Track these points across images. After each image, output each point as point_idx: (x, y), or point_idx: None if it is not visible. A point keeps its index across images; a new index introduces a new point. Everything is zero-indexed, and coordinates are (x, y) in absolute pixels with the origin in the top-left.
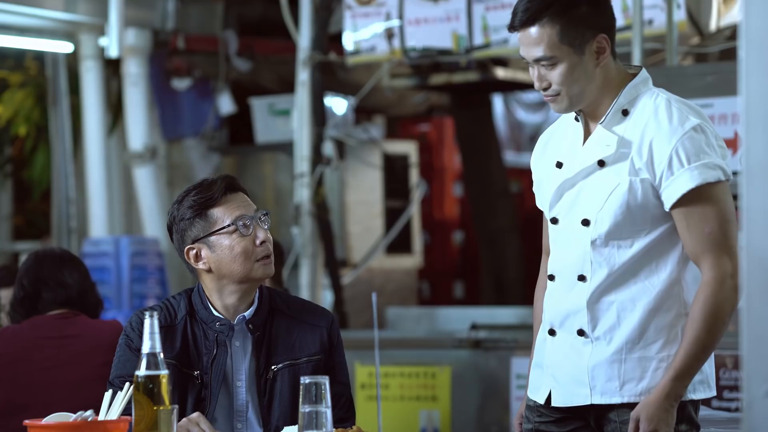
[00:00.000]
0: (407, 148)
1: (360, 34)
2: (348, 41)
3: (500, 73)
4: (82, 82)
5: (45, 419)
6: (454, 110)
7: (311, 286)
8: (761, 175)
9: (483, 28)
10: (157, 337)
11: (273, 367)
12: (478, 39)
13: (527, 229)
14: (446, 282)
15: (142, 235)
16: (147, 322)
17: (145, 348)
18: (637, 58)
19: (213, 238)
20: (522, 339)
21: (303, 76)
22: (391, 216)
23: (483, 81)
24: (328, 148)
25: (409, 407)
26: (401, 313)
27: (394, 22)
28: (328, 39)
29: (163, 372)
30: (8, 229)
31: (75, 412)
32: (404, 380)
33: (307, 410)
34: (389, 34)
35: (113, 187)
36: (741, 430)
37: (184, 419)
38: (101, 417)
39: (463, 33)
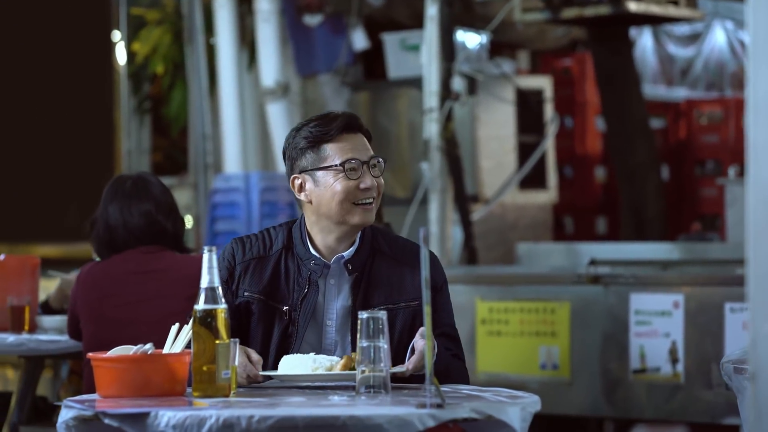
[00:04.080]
0: (542, 82)
1: None
2: None
3: (632, 6)
4: (216, 19)
5: (108, 353)
6: (591, 44)
7: (440, 221)
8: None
9: None
10: (215, 271)
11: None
12: None
13: (672, 164)
14: (588, 217)
15: (275, 171)
16: (206, 256)
17: (204, 282)
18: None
19: (320, 173)
20: (642, 275)
21: (432, 11)
22: (525, 151)
23: (616, 14)
24: (457, 83)
25: (529, 343)
26: (531, 248)
27: None
28: None
29: (221, 306)
30: (148, 165)
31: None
32: (524, 316)
33: (364, 345)
34: None
35: (247, 123)
36: (747, 368)
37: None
38: (166, 350)
39: None
